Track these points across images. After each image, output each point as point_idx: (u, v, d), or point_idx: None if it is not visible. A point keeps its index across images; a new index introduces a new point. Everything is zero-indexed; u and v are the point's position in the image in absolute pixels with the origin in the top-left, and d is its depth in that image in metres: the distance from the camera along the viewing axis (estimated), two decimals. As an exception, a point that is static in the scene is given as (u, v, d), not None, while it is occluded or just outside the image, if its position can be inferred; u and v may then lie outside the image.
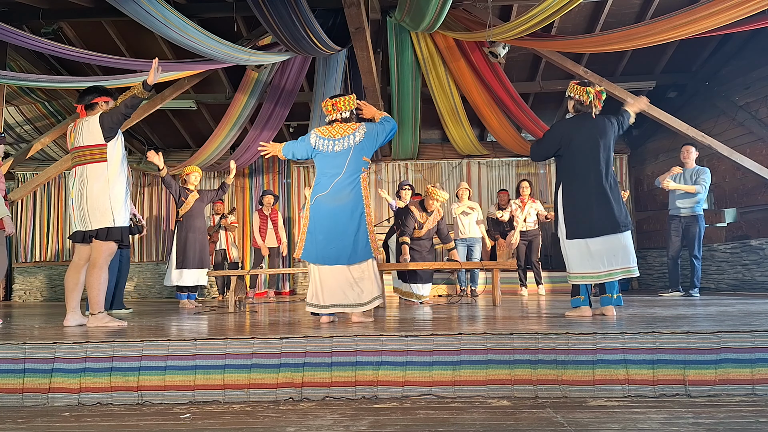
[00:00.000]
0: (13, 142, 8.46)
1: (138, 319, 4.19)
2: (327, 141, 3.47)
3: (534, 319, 3.35)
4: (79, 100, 3.62)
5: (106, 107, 3.61)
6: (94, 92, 3.62)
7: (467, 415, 2.10)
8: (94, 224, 3.41)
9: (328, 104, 3.55)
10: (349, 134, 3.44)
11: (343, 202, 3.37)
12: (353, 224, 3.38)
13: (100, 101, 3.60)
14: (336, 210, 3.37)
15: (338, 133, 3.46)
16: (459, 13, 6.09)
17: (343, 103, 3.51)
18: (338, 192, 3.38)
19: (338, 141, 3.44)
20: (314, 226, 3.43)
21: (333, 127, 3.50)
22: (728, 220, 7.19)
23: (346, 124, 3.50)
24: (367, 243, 3.41)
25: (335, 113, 3.52)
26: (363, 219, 3.42)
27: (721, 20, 4.47)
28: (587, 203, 3.42)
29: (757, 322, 2.81)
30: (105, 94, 3.64)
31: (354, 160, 3.41)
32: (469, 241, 6.85)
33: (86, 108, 3.58)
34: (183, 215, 5.91)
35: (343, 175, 3.39)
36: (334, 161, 3.42)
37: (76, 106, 3.66)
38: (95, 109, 3.59)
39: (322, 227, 3.39)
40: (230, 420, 2.13)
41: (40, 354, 2.54)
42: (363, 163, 3.45)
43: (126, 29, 6.58)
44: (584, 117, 3.54)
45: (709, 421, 1.98)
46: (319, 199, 3.42)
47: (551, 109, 8.80)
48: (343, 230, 3.37)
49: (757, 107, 6.77)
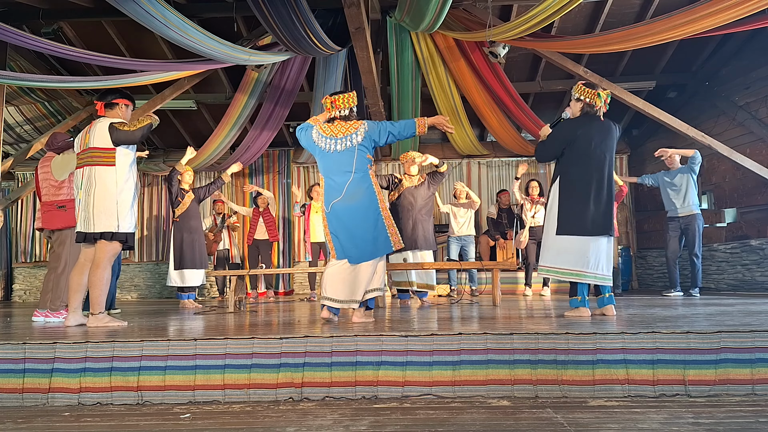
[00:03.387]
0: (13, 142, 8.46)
1: (138, 319, 4.19)
2: (329, 140, 3.44)
3: (534, 319, 3.35)
4: (101, 98, 3.63)
5: (125, 111, 3.65)
6: (117, 93, 3.66)
7: (467, 415, 2.10)
8: (97, 227, 3.41)
9: (327, 102, 3.53)
10: (351, 133, 3.41)
11: (358, 201, 3.38)
12: (370, 221, 3.39)
13: (120, 103, 3.63)
14: (352, 210, 3.38)
15: (340, 132, 3.44)
16: (459, 13, 6.09)
17: (342, 101, 3.49)
18: (352, 193, 3.38)
19: (340, 140, 3.42)
20: (334, 229, 3.45)
21: (334, 126, 3.48)
22: (728, 220, 7.19)
23: (347, 122, 3.47)
24: (387, 237, 3.43)
25: (334, 111, 3.49)
26: (379, 214, 3.42)
27: (721, 20, 4.47)
28: (585, 203, 3.43)
29: (757, 322, 2.81)
30: (127, 98, 3.68)
31: (360, 159, 3.40)
32: (463, 240, 6.84)
33: (106, 106, 3.60)
34: (179, 216, 5.90)
35: (353, 176, 3.38)
36: (340, 161, 3.41)
37: (95, 102, 3.67)
38: (114, 109, 3.61)
39: (343, 228, 3.41)
40: (230, 420, 2.13)
41: (40, 354, 2.54)
42: (368, 160, 3.46)
43: (126, 29, 6.58)
44: (592, 118, 3.54)
45: (709, 421, 1.98)
46: (335, 205, 3.42)
47: (551, 109, 8.79)
48: (361, 229, 3.38)
49: (757, 107, 6.77)
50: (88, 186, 3.44)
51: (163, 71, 5.78)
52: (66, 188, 4.27)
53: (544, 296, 6.52)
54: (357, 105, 3.57)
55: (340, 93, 3.55)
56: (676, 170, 6.09)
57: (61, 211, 4.22)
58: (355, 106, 3.55)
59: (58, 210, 4.23)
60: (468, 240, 6.85)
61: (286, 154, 9.64)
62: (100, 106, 3.60)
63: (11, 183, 9.53)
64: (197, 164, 8.11)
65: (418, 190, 5.44)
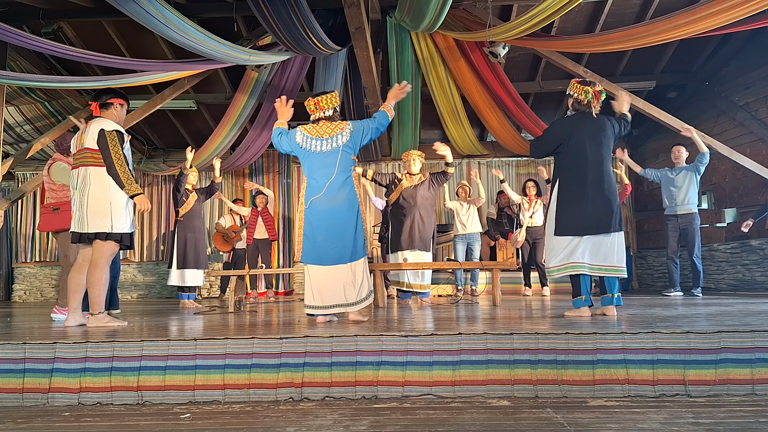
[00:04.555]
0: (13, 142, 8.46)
1: (138, 319, 4.19)
2: (314, 141, 3.46)
3: (534, 319, 3.35)
4: (95, 98, 3.63)
5: (120, 110, 3.65)
6: (111, 93, 3.65)
7: (467, 415, 2.10)
8: (91, 227, 3.40)
9: (311, 103, 3.56)
10: (337, 134, 3.45)
11: (339, 202, 3.40)
12: (351, 223, 3.41)
13: (115, 102, 3.62)
14: (333, 210, 3.39)
15: (326, 132, 3.47)
16: (459, 13, 6.09)
17: (326, 101, 3.53)
18: (333, 193, 3.40)
19: (326, 141, 3.45)
20: (311, 228, 3.44)
21: (320, 126, 3.50)
22: (728, 220, 7.19)
23: (332, 122, 3.51)
24: (364, 241, 3.47)
25: (318, 112, 3.53)
26: (359, 217, 3.46)
27: (721, 20, 4.47)
28: (582, 201, 3.42)
29: (757, 322, 2.81)
30: (121, 97, 3.67)
31: (343, 159, 3.43)
32: (469, 238, 6.82)
33: (101, 107, 3.60)
34: (183, 215, 5.92)
35: (335, 175, 3.41)
36: (324, 161, 3.43)
37: (90, 103, 3.67)
38: (109, 109, 3.60)
39: (321, 228, 3.40)
40: (230, 420, 2.13)
41: (40, 354, 2.54)
42: (351, 161, 3.49)
43: (126, 29, 6.58)
44: (584, 115, 3.55)
45: (709, 421, 1.98)
46: (314, 202, 3.43)
47: (551, 109, 8.80)
48: (342, 230, 3.39)
49: (757, 107, 6.77)
50: (82, 186, 3.44)
51: (163, 71, 5.78)
52: (64, 191, 4.32)
53: (545, 296, 6.52)
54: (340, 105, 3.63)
55: (322, 94, 3.58)
56: (680, 168, 6.06)
57: (55, 214, 4.28)
58: (338, 106, 3.58)
59: (52, 213, 4.30)
60: (474, 237, 6.82)
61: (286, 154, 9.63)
62: (95, 106, 3.60)
63: (11, 183, 9.53)
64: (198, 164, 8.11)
65: (418, 189, 5.44)
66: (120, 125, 3.59)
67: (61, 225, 4.23)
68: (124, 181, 3.41)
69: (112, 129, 3.45)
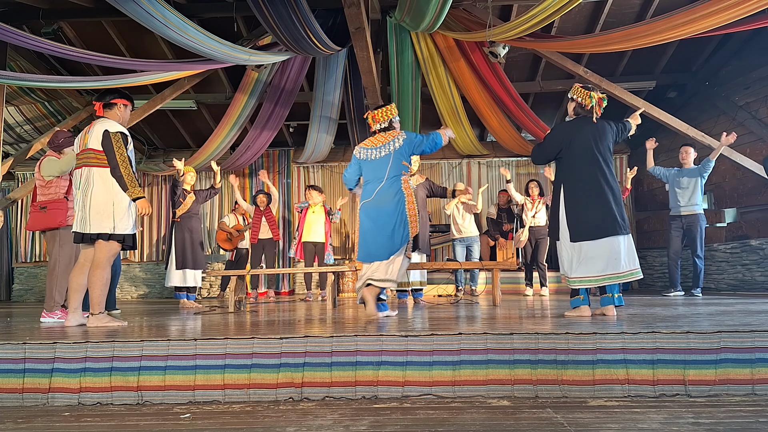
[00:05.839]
0: (13, 142, 8.46)
1: (138, 319, 4.19)
2: (370, 150, 3.73)
3: (534, 319, 3.35)
4: (99, 98, 3.62)
5: (124, 111, 3.65)
6: (115, 93, 3.65)
7: (467, 415, 2.10)
8: (93, 228, 3.39)
9: (369, 117, 3.83)
10: (390, 141, 3.69)
11: (386, 205, 3.63)
12: (391, 222, 3.61)
13: (119, 103, 3.62)
14: (379, 213, 3.64)
15: (380, 141, 3.73)
16: (459, 13, 6.10)
17: (381, 115, 3.78)
18: (381, 197, 3.65)
19: (380, 149, 3.71)
20: (363, 229, 3.74)
21: (376, 138, 3.78)
22: (728, 220, 7.20)
23: (387, 132, 3.75)
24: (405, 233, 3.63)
25: (375, 125, 3.80)
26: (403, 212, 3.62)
27: (721, 20, 4.47)
28: (588, 206, 3.43)
29: (757, 322, 2.81)
30: (125, 98, 3.67)
31: (394, 164, 3.65)
32: (468, 240, 6.83)
33: (104, 107, 3.59)
34: (181, 216, 5.91)
35: (385, 181, 3.65)
36: (377, 167, 3.69)
37: (94, 103, 3.67)
38: (113, 109, 3.60)
39: (370, 229, 3.69)
40: (230, 420, 2.13)
41: (40, 354, 2.54)
42: (403, 166, 3.70)
43: (126, 29, 6.58)
44: (584, 120, 3.56)
45: (709, 421, 1.98)
46: (365, 205, 3.73)
47: (551, 109, 8.80)
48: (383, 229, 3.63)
49: (757, 107, 6.77)
50: (85, 186, 3.44)
51: (163, 71, 5.79)
52: (53, 188, 4.23)
53: (544, 296, 6.53)
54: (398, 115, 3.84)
55: (379, 107, 3.82)
56: (688, 169, 6.05)
57: (42, 213, 4.19)
58: (395, 117, 3.80)
59: (39, 211, 4.21)
60: (472, 240, 6.83)
61: (286, 154, 9.65)
62: (99, 106, 3.60)
63: (11, 183, 9.53)
64: (198, 164, 8.11)
65: (418, 191, 5.46)
66: (123, 126, 3.59)
67: (48, 224, 4.16)
68: (127, 183, 3.41)
69: (117, 130, 3.45)
